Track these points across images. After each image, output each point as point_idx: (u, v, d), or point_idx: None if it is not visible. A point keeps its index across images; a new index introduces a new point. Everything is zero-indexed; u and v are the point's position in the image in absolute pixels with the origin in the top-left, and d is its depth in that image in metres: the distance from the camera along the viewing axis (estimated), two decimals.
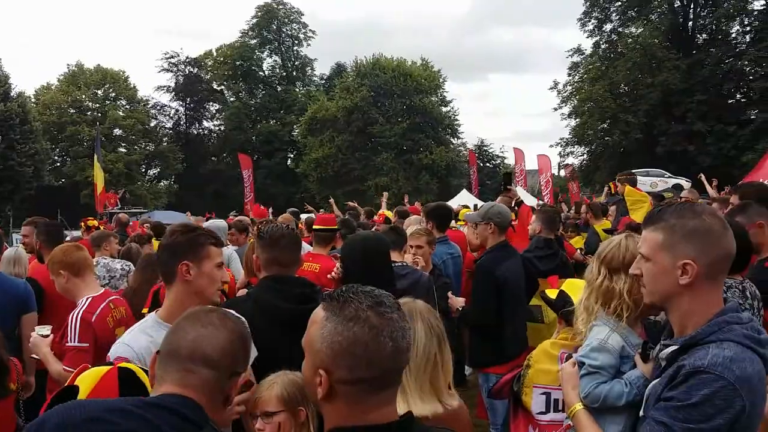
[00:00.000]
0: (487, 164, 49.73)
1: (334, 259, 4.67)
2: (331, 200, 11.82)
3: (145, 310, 4.78)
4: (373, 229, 7.02)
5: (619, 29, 38.75)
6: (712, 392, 1.60)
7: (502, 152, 50.73)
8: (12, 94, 38.12)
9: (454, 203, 16.28)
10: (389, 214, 9.23)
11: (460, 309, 4.64)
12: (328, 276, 4.50)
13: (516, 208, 6.52)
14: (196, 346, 1.55)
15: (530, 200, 16.62)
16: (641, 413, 1.87)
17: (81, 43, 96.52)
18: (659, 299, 1.84)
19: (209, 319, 1.61)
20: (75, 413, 1.40)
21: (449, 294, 4.75)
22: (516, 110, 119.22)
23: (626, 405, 2.13)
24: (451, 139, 47.76)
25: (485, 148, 50.51)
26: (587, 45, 39.51)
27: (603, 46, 39.06)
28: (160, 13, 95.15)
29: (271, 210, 14.44)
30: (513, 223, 5.52)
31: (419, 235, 4.92)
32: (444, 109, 47.04)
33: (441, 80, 47.26)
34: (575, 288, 2.92)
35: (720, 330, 1.70)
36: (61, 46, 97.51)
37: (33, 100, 45.87)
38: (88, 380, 1.71)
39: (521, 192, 23.07)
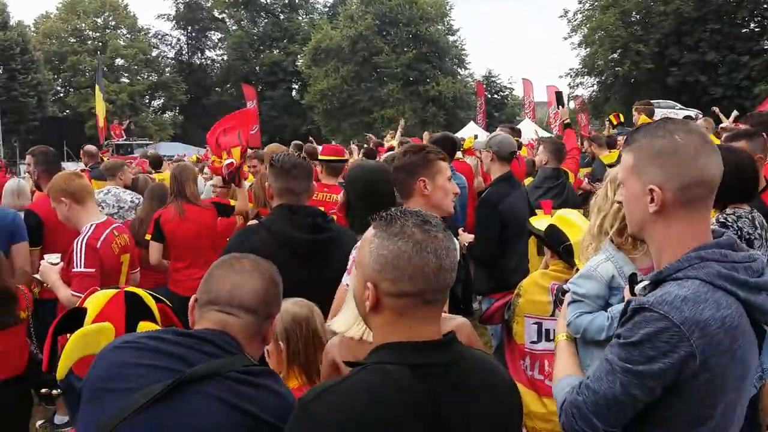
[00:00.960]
0: (495, 96, 48.98)
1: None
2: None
3: (148, 236, 4.88)
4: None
5: None
6: (654, 332, 1.44)
7: (510, 83, 49.92)
8: (11, 23, 37.43)
9: (461, 135, 16.13)
10: (395, 144, 9.13)
11: (467, 244, 4.70)
12: (334, 197, 4.55)
13: (562, 129, 6.68)
14: (233, 294, 1.62)
15: (534, 132, 16.45)
16: None
17: None
18: (635, 229, 1.67)
19: (242, 266, 1.67)
20: (114, 341, 1.53)
21: (459, 230, 4.81)
22: (525, 39, 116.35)
23: (608, 340, 1.94)
24: (459, 70, 46.88)
25: (493, 80, 49.65)
26: None
27: None
28: None
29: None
30: (517, 154, 5.53)
31: None
32: (451, 39, 45.97)
33: (447, 8, 46.03)
34: (566, 222, 2.87)
35: (691, 266, 1.50)
36: None
37: (32, 29, 45.05)
38: (95, 302, 1.75)
39: (529, 124, 22.87)
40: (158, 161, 10.57)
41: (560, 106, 7.03)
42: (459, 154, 7.27)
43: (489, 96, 44.94)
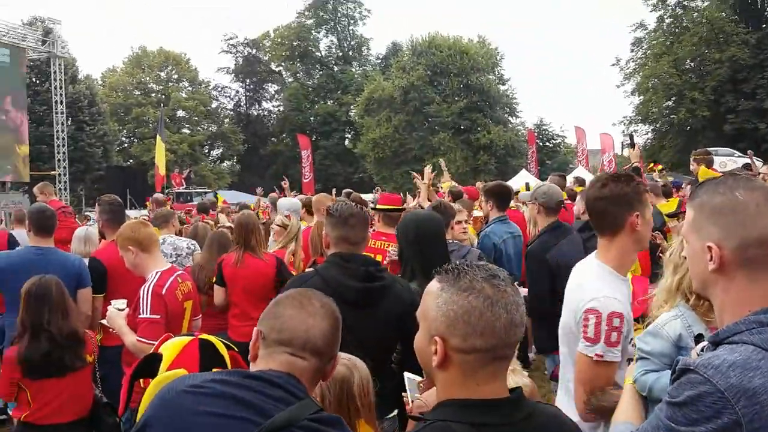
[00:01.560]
0: (547, 144, 48.84)
1: None
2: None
3: (212, 280, 5.00)
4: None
5: (684, 3, 37.07)
6: (696, 395, 1.36)
7: (562, 131, 49.77)
8: (79, 77, 39.48)
9: (513, 184, 16.11)
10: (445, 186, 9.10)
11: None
12: (385, 261, 4.58)
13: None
14: (308, 337, 1.60)
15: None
16: None
17: (143, 26, 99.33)
18: (698, 286, 1.61)
19: (313, 308, 1.65)
20: (179, 382, 1.53)
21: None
22: (577, 88, 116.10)
23: None
24: (510, 118, 47.08)
25: (545, 128, 49.60)
26: (651, 20, 38.13)
27: (667, 21, 37.52)
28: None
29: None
30: (565, 203, 5.46)
31: (460, 210, 4.99)
32: (502, 88, 46.35)
33: (498, 58, 46.53)
34: None
35: (748, 330, 1.41)
36: (124, 31, 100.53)
37: (100, 82, 47.39)
38: (171, 349, 1.78)
39: (582, 172, 22.63)
40: (205, 208, 11.07)
41: (631, 148, 6.80)
42: (512, 203, 7.26)
43: (540, 144, 44.86)
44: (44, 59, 28.96)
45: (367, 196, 12.81)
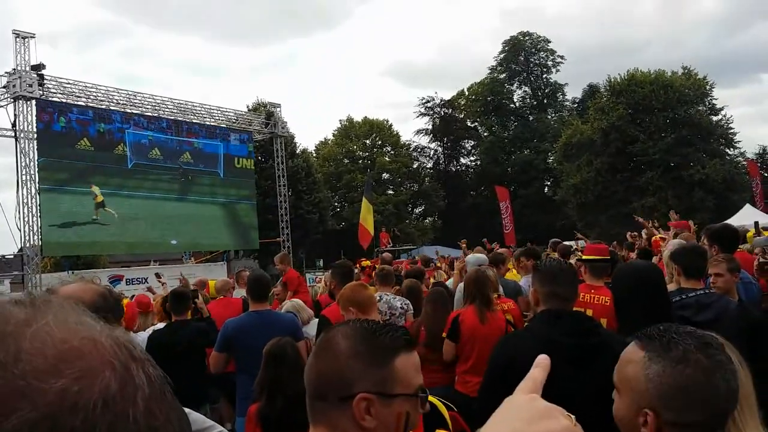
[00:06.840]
0: None
1: None
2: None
3: (444, 334, 5.18)
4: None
5: None
6: None
7: None
8: (297, 152, 43.47)
9: (736, 221, 14.72)
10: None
11: None
12: (603, 299, 4.44)
13: None
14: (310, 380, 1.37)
15: None
16: None
17: (349, 99, 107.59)
18: None
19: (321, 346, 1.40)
20: None
21: None
22: None
23: None
24: (727, 150, 43.03)
25: None
26: None
27: None
28: (413, 67, 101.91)
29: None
30: None
31: (718, 261, 4.32)
32: (714, 118, 42.68)
33: (708, 87, 43.07)
34: None
35: None
36: (332, 105, 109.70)
37: (314, 155, 51.70)
38: None
39: None
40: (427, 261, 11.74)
41: None
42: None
43: (766, 175, 40.25)
44: (267, 139, 32.13)
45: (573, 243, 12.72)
